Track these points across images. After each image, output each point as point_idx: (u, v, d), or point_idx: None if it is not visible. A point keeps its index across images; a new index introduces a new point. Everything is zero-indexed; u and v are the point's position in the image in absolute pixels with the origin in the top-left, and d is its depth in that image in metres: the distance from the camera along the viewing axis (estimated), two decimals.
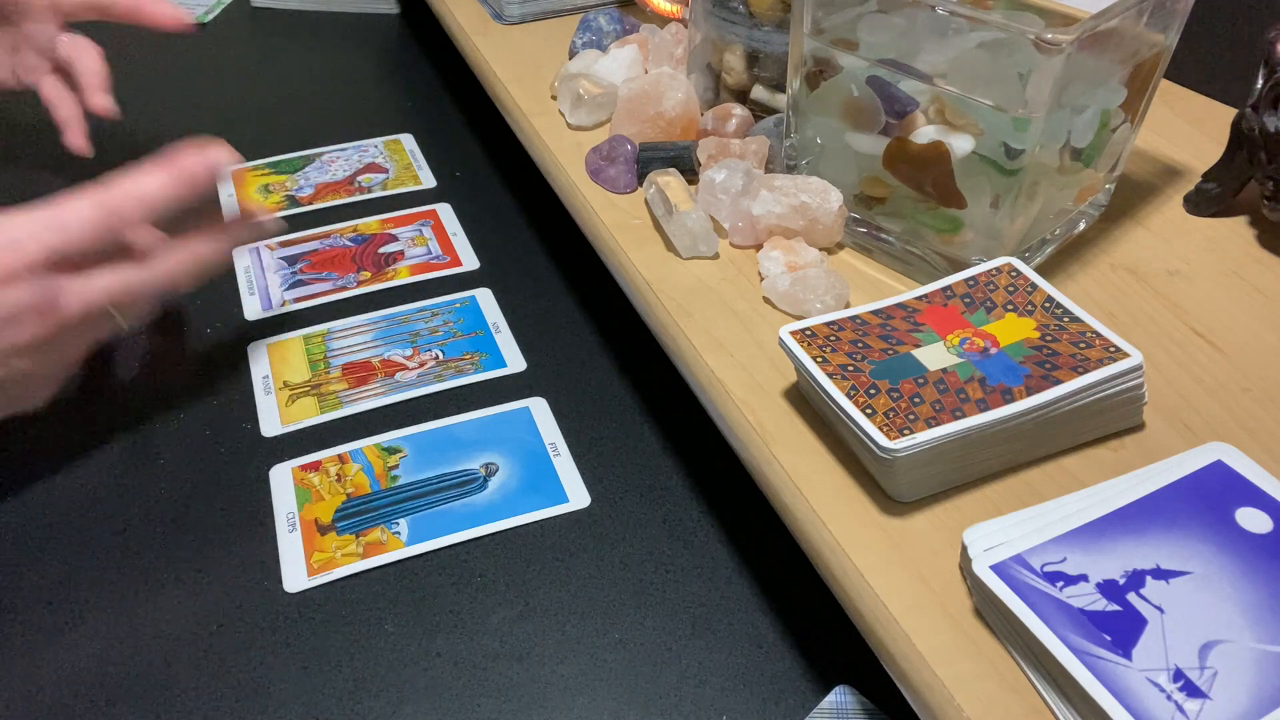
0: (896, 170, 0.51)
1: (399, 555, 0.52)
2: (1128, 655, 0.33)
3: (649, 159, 0.60)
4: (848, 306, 0.49)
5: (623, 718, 0.46)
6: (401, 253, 0.73)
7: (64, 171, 0.81)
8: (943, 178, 0.49)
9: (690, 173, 0.60)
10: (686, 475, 0.57)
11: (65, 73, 0.74)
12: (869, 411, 0.40)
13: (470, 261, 0.73)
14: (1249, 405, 0.46)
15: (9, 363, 0.48)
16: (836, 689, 0.46)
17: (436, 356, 0.64)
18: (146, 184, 0.50)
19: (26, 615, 0.49)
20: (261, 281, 0.70)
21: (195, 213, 0.54)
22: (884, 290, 0.53)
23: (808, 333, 0.45)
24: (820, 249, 0.54)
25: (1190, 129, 0.66)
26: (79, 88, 0.74)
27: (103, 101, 0.73)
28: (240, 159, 0.54)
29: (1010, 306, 0.46)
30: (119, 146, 0.85)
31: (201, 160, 0.51)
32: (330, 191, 0.80)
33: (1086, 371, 0.42)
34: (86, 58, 0.73)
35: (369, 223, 0.76)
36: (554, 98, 0.69)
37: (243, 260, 0.72)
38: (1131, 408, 0.44)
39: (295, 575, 0.51)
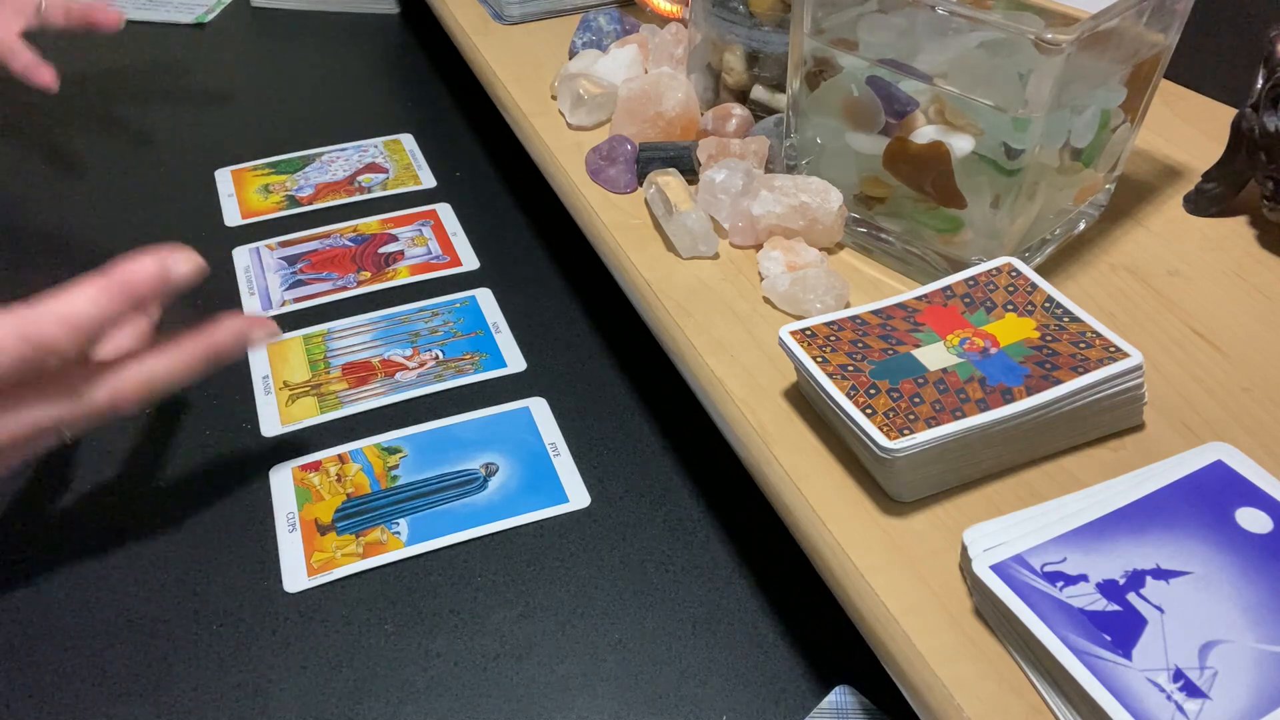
0: (896, 170, 0.51)
1: (399, 555, 0.52)
2: (1128, 655, 0.33)
3: (649, 159, 0.60)
4: (848, 306, 0.49)
5: (623, 718, 0.46)
6: (401, 253, 0.73)
7: (76, 145, 0.81)
8: (943, 178, 0.49)
9: (690, 173, 0.60)
10: (686, 475, 0.57)
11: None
12: (869, 411, 0.40)
13: (470, 261, 0.73)
14: (1249, 405, 0.46)
15: None
16: (836, 689, 0.46)
17: (436, 356, 0.64)
18: (75, 304, 0.43)
19: (26, 615, 0.49)
20: (261, 281, 0.70)
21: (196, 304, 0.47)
22: (884, 290, 0.53)
23: (808, 333, 0.45)
24: (820, 249, 0.54)
25: (1190, 129, 0.66)
26: (80, 23, 0.76)
27: (110, 15, 0.75)
28: (203, 267, 0.46)
29: (1010, 306, 0.46)
30: (120, 147, 0.85)
31: (147, 271, 0.44)
32: (330, 191, 0.80)
33: (1086, 371, 0.42)
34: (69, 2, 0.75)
35: (369, 223, 0.76)
36: (554, 98, 0.69)
37: (243, 260, 0.72)
38: (1131, 408, 0.44)
39: (295, 575, 0.51)
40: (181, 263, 0.45)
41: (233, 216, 0.77)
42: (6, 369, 0.42)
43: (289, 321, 0.67)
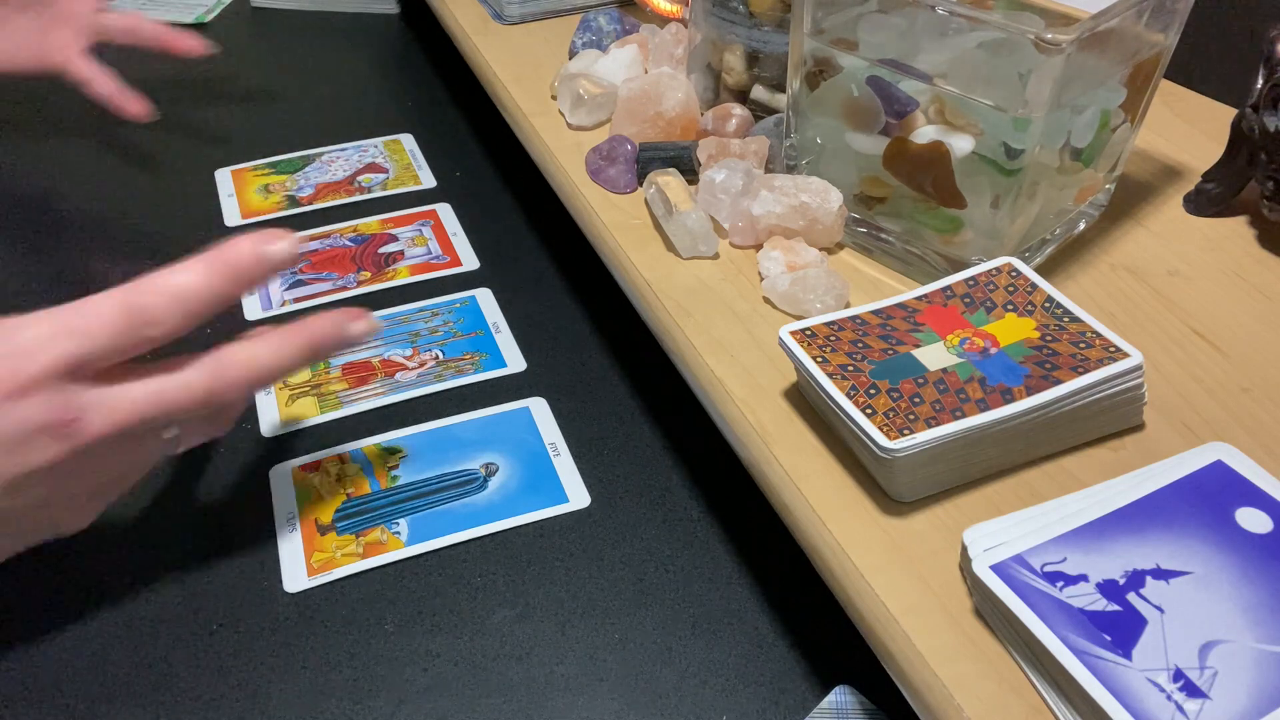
0: (896, 170, 0.51)
1: (399, 555, 0.52)
2: (1128, 655, 0.33)
3: (649, 159, 0.60)
4: (848, 306, 0.49)
5: (623, 718, 0.46)
6: (401, 253, 0.73)
7: (75, 145, 0.81)
8: (943, 178, 0.49)
9: (690, 173, 0.60)
10: (686, 475, 0.57)
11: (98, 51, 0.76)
12: (869, 411, 0.40)
13: (470, 261, 0.73)
14: (1249, 405, 0.46)
15: (23, 491, 0.40)
16: (836, 689, 0.46)
17: (436, 356, 0.64)
18: (181, 280, 0.42)
19: (26, 615, 0.49)
20: None
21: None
22: (884, 290, 0.53)
23: (808, 333, 0.45)
24: (820, 249, 0.54)
25: (1190, 129, 0.66)
26: (155, 46, 0.77)
27: (190, 42, 0.76)
28: (299, 246, 0.44)
29: (1010, 306, 0.46)
30: (119, 146, 0.85)
31: (251, 252, 0.43)
32: (330, 191, 0.80)
33: (1086, 371, 0.42)
34: (144, 21, 0.76)
35: (369, 223, 0.76)
36: (554, 98, 0.69)
37: None
38: (1131, 408, 0.44)
39: (295, 575, 0.51)
40: (278, 241, 0.43)
41: (233, 216, 0.77)
42: (112, 341, 0.40)
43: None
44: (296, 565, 0.52)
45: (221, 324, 0.66)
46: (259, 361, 0.44)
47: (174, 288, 0.41)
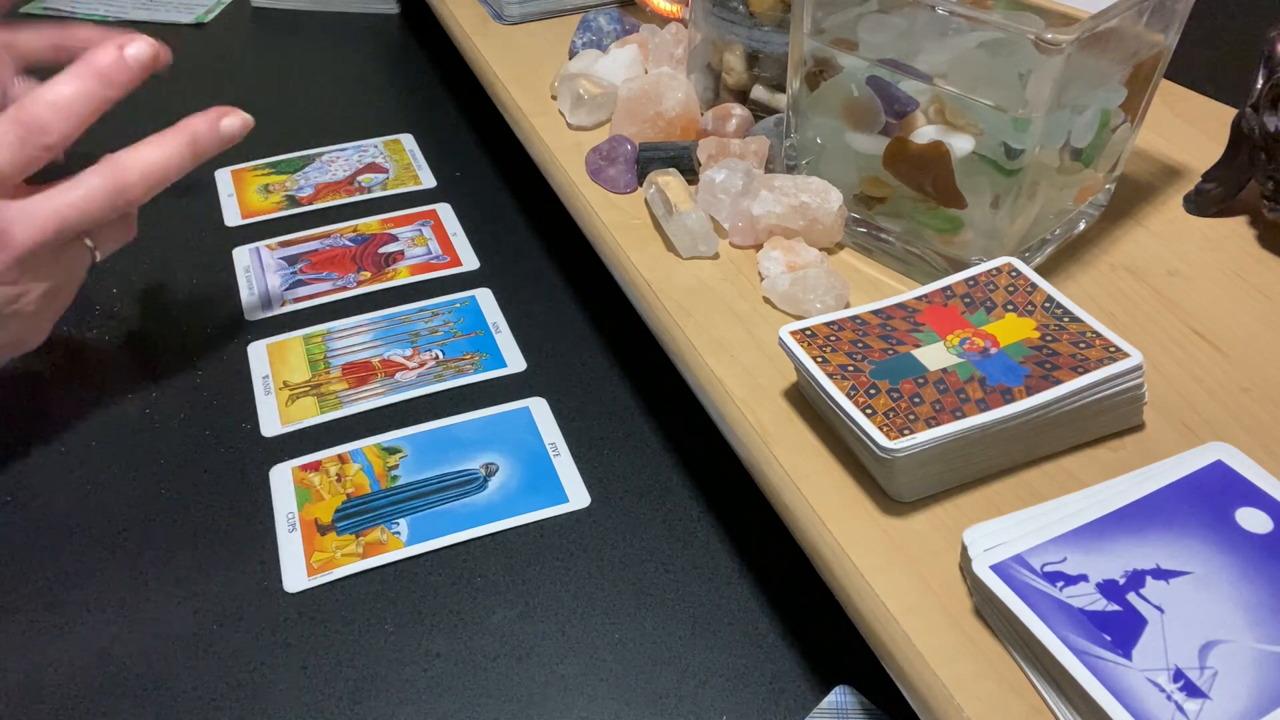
0: (896, 170, 0.51)
1: (399, 555, 0.52)
2: (1128, 655, 0.33)
3: (649, 159, 0.60)
4: (848, 306, 0.49)
5: (623, 718, 0.46)
6: (401, 253, 0.73)
7: (75, 145, 0.81)
8: (943, 178, 0.49)
9: (690, 173, 0.60)
10: (686, 475, 0.57)
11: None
12: (869, 411, 0.40)
13: (470, 261, 0.73)
14: (1249, 405, 0.46)
15: None
16: (836, 689, 0.46)
17: (436, 356, 0.64)
18: (59, 89, 0.48)
19: (27, 615, 0.49)
20: (261, 281, 0.70)
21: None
22: (884, 290, 0.53)
23: (808, 333, 0.45)
24: (820, 249, 0.54)
25: (1190, 129, 0.66)
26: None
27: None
28: (157, 46, 0.50)
29: (1010, 306, 0.46)
30: (119, 146, 0.85)
31: (112, 53, 0.49)
32: (330, 191, 0.80)
33: (1086, 371, 0.42)
34: (62, 33, 0.66)
35: (369, 223, 0.76)
36: (554, 98, 0.69)
37: (243, 260, 0.72)
38: (1131, 408, 0.44)
39: (295, 575, 0.51)
40: (136, 42, 0.49)
41: (233, 216, 0.77)
42: (11, 156, 0.46)
43: (289, 322, 0.67)
44: (296, 565, 0.52)
45: (222, 324, 0.66)
46: (149, 159, 0.51)
47: (54, 96, 0.47)
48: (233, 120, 0.53)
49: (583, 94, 0.65)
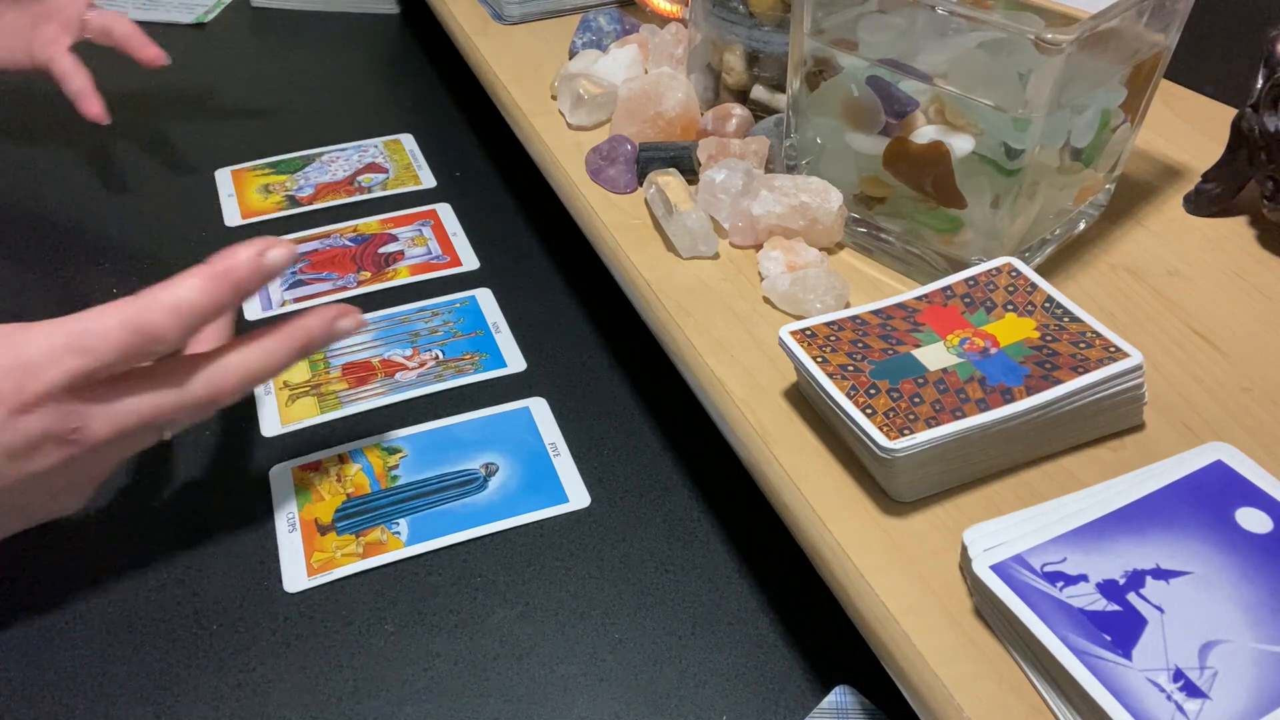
0: (896, 170, 0.51)
1: (399, 555, 0.52)
2: (1128, 655, 0.33)
3: (649, 159, 0.60)
4: (848, 306, 0.49)
5: (623, 718, 0.46)
6: (401, 253, 0.73)
7: (76, 145, 0.81)
8: (943, 178, 0.49)
9: (690, 173, 0.60)
10: (686, 475, 0.57)
11: (81, 50, 0.76)
12: (869, 411, 0.40)
13: (470, 261, 0.73)
14: (1249, 405, 0.46)
15: (29, 488, 0.43)
16: (836, 689, 0.46)
17: (436, 356, 0.64)
18: (182, 293, 0.43)
19: (26, 615, 0.49)
20: None
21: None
22: (884, 290, 0.53)
23: (808, 333, 0.45)
24: (820, 249, 0.54)
25: (1190, 129, 0.66)
26: (122, 49, 0.76)
27: (152, 52, 0.75)
28: (295, 250, 0.46)
29: (1010, 306, 0.46)
30: (119, 146, 0.85)
31: (248, 261, 0.44)
32: (330, 191, 0.80)
33: (1086, 371, 0.42)
34: (120, 23, 0.75)
35: (369, 223, 0.76)
36: (554, 98, 0.69)
37: None
38: (1131, 408, 0.44)
39: (295, 575, 0.51)
40: (274, 249, 0.45)
41: (233, 216, 0.77)
42: (115, 357, 0.42)
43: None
44: (296, 565, 0.52)
45: None
46: (252, 365, 0.46)
47: (176, 301, 0.43)
48: (348, 322, 0.48)
49: (583, 94, 0.65)
